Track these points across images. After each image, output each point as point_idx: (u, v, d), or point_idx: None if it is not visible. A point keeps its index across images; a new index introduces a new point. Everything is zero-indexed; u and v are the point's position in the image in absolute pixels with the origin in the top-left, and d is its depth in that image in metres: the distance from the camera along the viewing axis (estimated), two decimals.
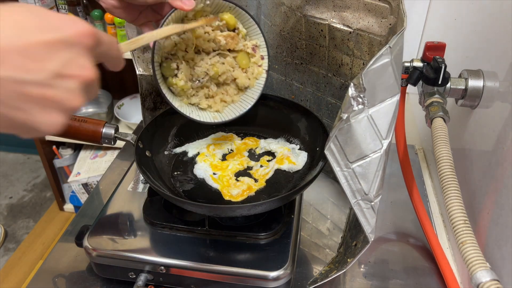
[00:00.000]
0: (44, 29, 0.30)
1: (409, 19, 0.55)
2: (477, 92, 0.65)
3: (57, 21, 0.31)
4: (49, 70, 0.30)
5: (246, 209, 0.60)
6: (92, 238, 0.63)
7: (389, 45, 0.48)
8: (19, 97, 0.29)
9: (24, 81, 0.29)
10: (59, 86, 0.31)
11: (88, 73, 0.32)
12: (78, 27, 0.32)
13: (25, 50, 0.29)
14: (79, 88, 0.32)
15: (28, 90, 0.29)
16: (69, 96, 0.31)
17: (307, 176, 0.69)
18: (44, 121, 0.31)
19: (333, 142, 0.51)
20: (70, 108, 0.32)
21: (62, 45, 0.31)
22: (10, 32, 0.28)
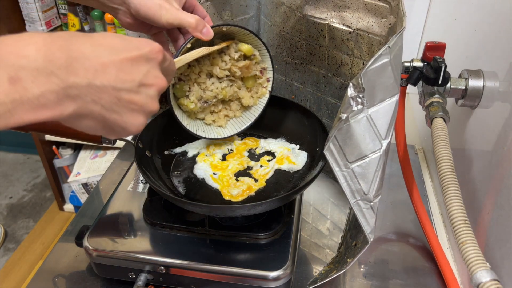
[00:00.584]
0: (129, 49, 0.38)
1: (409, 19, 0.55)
2: (477, 92, 0.65)
3: (137, 43, 0.39)
4: (136, 80, 0.38)
5: (246, 209, 0.60)
6: (92, 238, 0.63)
7: (388, 45, 0.48)
8: (115, 101, 0.37)
9: (120, 89, 0.37)
10: (142, 92, 0.39)
11: (162, 82, 0.41)
12: (152, 45, 0.40)
13: (119, 64, 0.37)
14: (156, 94, 0.40)
15: (122, 95, 0.37)
16: (149, 100, 0.40)
17: (307, 176, 0.69)
18: (132, 121, 0.39)
19: (332, 142, 0.51)
20: (150, 111, 0.40)
21: (143, 60, 0.39)
22: (107, 52, 0.36)
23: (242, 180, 0.70)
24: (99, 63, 0.35)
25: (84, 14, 1.71)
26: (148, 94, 0.39)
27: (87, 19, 1.73)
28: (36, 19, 1.69)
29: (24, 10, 1.68)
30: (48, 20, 1.73)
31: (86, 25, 1.73)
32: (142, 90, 0.38)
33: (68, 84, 0.33)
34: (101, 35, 0.38)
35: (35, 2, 1.65)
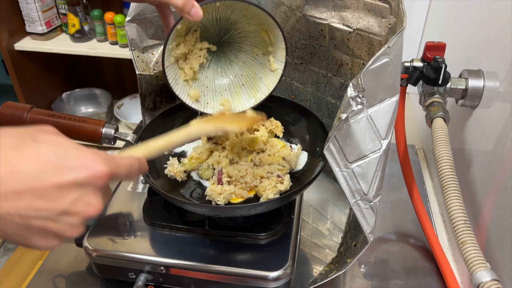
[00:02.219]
0: (62, 171, 0.33)
1: (409, 19, 0.55)
2: (477, 92, 0.65)
3: (77, 163, 0.34)
4: (56, 209, 0.33)
5: (246, 209, 0.60)
6: (92, 238, 0.63)
7: (388, 45, 0.48)
8: (23, 228, 0.32)
9: (30, 217, 0.32)
10: (62, 221, 0.34)
11: (91, 210, 0.35)
12: (94, 169, 0.34)
13: (38, 192, 0.32)
14: (80, 222, 0.35)
15: (33, 223, 0.32)
16: (69, 228, 0.34)
17: (307, 176, 0.69)
18: (42, 244, 0.34)
19: (332, 142, 0.51)
20: (68, 237, 0.35)
21: (74, 186, 0.33)
22: (29, 177, 0.31)
23: None
24: (11, 190, 0.31)
25: (84, 14, 1.71)
26: (69, 222, 0.34)
27: (87, 19, 1.73)
28: (36, 19, 1.69)
29: (24, 10, 1.68)
30: (48, 20, 1.73)
31: (86, 25, 1.73)
32: (62, 219, 0.33)
33: None
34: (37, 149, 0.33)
35: (35, 2, 1.65)
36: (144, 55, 0.76)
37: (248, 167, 0.67)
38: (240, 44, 0.70)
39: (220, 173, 0.66)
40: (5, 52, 1.69)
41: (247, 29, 0.67)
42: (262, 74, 0.71)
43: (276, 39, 0.66)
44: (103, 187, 0.36)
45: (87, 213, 0.35)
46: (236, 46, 0.71)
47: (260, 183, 0.65)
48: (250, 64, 0.71)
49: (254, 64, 0.71)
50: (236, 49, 0.71)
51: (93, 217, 0.36)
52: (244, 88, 0.72)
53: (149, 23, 0.73)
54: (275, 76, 0.69)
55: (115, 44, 1.74)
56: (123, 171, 0.38)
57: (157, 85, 0.79)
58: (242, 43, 0.70)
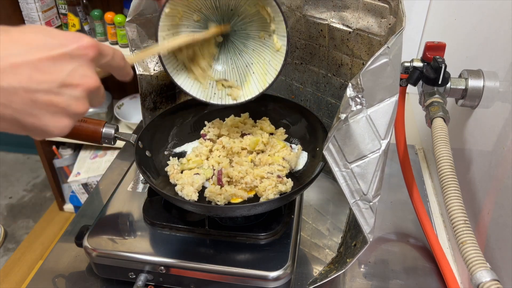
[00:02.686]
0: (51, 46, 0.34)
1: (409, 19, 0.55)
2: (477, 92, 0.65)
3: (63, 38, 0.36)
4: (56, 80, 0.34)
5: (246, 209, 0.60)
6: (92, 238, 0.63)
7: (387, 45, 0.48)
8: (30, 104, 0.34)
9: (34, 90, 0.33)
10: (65, 93, 0.35)
11: (90, 81, 0.36)
12: (80, 41, 0.36)
13: (34, 64, 0.33)
14: (82, 95, 0.36)
15: (38, 97, 0.34)
16: (74, 102, 0.36)
17: (307, 176, 0.69)
18: (53, 124, 0.35)
19: (331, 143, 0.51)
20: (75, 112, 0.36)
21: (66, 58, 0.35)
22: (22, 50, 0.33)
23: None
24: (8, 64, 0.32)
25: (84, 14, 1.71)
26: (72, 95, 0.35)
27: (87, 19, 1.73)
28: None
29: (24, 10, 1.68)
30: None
31: (86, 25, 1.73)
32: (64, 91, 0.35)
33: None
34: (21, 30, 0.35)
35: (35, 2, 1.65)
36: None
37: (248, 167, 0.67)
38: (246, 30, 0.69)
39: (220, 173, 0.66)
40: None
41: (249, 12, 0.66)
42: (270, 57, 0.69)
43: (274, 13, 0.64)
44: (94, 59, 0.37)
45: (86, 84, 0.36)
46: (243, 34, 0.69)
47: (260, 183, 0.65)
48: (260, 50, 0.69)
49: (263, 49, 0.69)
50: (244, 37, 0.70)
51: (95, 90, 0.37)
52: (255, 75, 0.70)
53: (149, 23, 0.73)
54: (280, 55, 0.67)
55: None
56: (108, 50, 0.40)
57: (158, 85, 0.79)
58: (247, 29, 0.68)
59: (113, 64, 0.41)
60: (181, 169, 0.70)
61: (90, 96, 0.37)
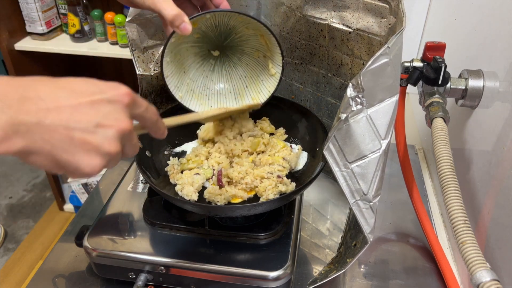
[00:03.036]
0: (92, 92, 0.38)
1: (409, 19, 0.55)
2: (477, 92, 0.65)
3: (103, 86, 0.39)
4: (92, 121, 0.37)
5: (246, 209, 0.60)
6: (92, 238, 0.63)
7: (387, 45, 0.48)
8: (67, 140, 0.36)
9: (72, 128, 0.36)
10: (98, 133, 0.38)
11: (122, 124, 0.39)
12: (118, 89, 0.40)
13: (75, 106, 0.37)
14: (115, 136, 0.39)
15: (75, 135, 0.36)
16: (106, 141, 0.38)
17: (307, 176, 0.69)
18: (86, 162, 0.38)
19: (331, 142, 0.51)
20: (107, 151, 0.38)
21: (104, 103, 0.38)
22: (67, 95, 0.37)
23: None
24: (53, 104, 0.36)
25: (84, 14, 1.71)
26: (105, 134, 0.38)
27: (87, 19, 1.73)
28: (36, 19, 1.68)
29: (24, 10, 1.68)
30: (48, 20, 1.73)
31: (86, 25, 1.73)
32: (99, 131, 0.38)
33: (17, 121, 0.34)
34: (67, 80, 0.38)
35: (35, 2, 1.65)
36: (145, 56, 0.76)
37: (248, 167, 0.67)
38: (242, 47, 0.72)
39: (220, 173, 0.66)
40: (5, 52, 1.69)
41: (246, 33, 0.68)
42: (263, 76, 0.72)
43: (272, 44, 0.67)
44: (129, 105, 0.40)
45: (119, 126, 0.39)
46: (239, 49, 0.72)
47: (260, 184, 0.65)
48: (253, 66, 0.73)
49: (256, 66, 0.72)
50: (239, 52, 0.73)
51: (127, 133, 0.40)
52: (248, 90, 0.73)
53: (149, 23, 0.73)
54: (275, 79, 0.71)
55: (115, 44, 1.74)
56: (142, 102, 0.43)
57: (158, 85, 0.79)
58: (243, 46, 0.71)
59: (146, 116, 0.44)
60: (181, 169, 0.70)
61: (123, 140, 0.40)
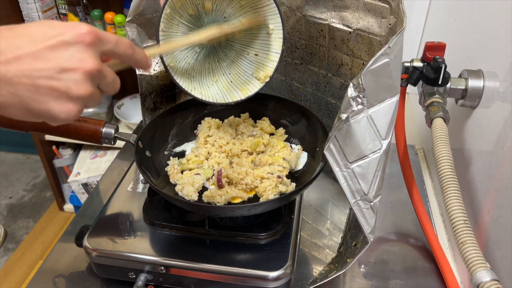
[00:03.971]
0: (49, 36, 0.37)
1: (409, 19, 0.55)
2: (477, 92, 0.65)
3: (61, 28, 0.38)
4: (55, 67, 0.37)
5: (246, 209, 0.60)
6: (92, 238, 0.63)
7: (388, 45, 0.48)
8: (34, 90, 0.36)
9: (35, 77, 0.36)
10: (64, 78, 0.37)
11: (88, 65, 0.38)
12: (77, 29, 0.38)
13: (35, 54, 0.36)
14: (81, 78, 0.38)
15: (40, 84, 0.36)
16: (74, 85, 0.38)
17: (307, 176, 0.69)
18: (58, 108, 0.37)
19: (332, 142, 0.51)
20: (77, 95, 0.38)
21: (63, 46, 0.37)
22: (24, 43, 0.37)
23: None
24: (12, 55, 0.36)
25: (84, 14, 1.71)
26: (71, 78, 0.37)
27: (87, 19, 1.73)
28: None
29: (24, 10, 1.68)
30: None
31: None
32: (63, 76, 0.37)
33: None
34: (24, 26, 0.38)
35: (35, 2, 1.65)
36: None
37: (248, 167, 0.67)
38: (232, 42, 0.70)
39: (220, 173, 0.66)
40: None
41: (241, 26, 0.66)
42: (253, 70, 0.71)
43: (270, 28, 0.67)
44: (93, 44, 0.39)
45: (84, 67, 0.38)
46: (227, 44, 0.71)
47: (261, 184, 0.65)
48: (239, 63, 0.71)
49: (244, 63, 0.71)
50: (227, 48, 0.71)
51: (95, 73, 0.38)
52: (233, 84, 0.72)
53: (149, 23, 0.73)
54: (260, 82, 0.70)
55: None
56: (110, 37, 0.41)
57: (158, 86, 0.79)
58: (233, 42, 0.70)
59: (119, 52, 0.42)
60: (181, 169, 0.70)
61: (93, 80, 0.39)
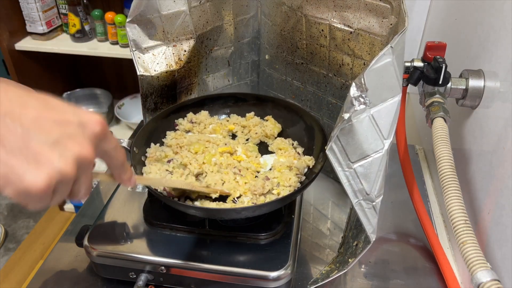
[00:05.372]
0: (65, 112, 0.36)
1: (410, 19, 0.55)
2: (478, 92, 0.65)
3: (80, 111, 0.37)
4: (52, 136, 0.34)
5: (251, 210, 0.60)
6: (92, 238, 0.63)
7: (390, 45, 0.48)
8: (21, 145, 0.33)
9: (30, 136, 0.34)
10: (57, 149, 0.34)
11: (84, 151, 0.36)
12: (94, 116, 0.38)
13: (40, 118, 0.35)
14: (73, 157, 0.35)
15: (31, 142, 0.33)
16: (62, 159, 0.35)
17: (307, 176, 0.69)
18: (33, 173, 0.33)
19: (334, 142, 0.51)
20: (59, 169, 0.34)
21: (73, 125, 0.36)
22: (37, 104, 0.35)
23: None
24: (19, 109, 0.34)
25: (85, 14, 1.71)
26: (62, 153, 0.34)
27: (88, 19, 1.73)
28: (36, 19, 1.69)
29: (25, 10, 1.68)
30: (49, 20, 1.73)
31: (87, 25, 1.73)
32: (57, 147, 0.34)
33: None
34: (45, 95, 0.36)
35: (36, 2, 1.65)
36: (145, 56, 0.76)
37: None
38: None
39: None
40: (5, 52, 1.69)
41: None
42: None
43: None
44: (98, 136, 0.38)
45: (80, 151, 0.36)
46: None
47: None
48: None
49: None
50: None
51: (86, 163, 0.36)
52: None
53: (150, 23, 0.73)
54: None
55: (115, 44, 1.74)
56: (113, 139, 0.41)
57: (158, 86, 0.79)
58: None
59: (113, 155, 0.42)
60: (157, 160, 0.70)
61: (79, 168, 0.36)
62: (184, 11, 0.75)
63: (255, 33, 0.88)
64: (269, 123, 0.78)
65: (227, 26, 0.84)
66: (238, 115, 0.81)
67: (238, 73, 0.92)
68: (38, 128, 0.34)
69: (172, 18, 0.75)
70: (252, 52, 0.91)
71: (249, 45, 0.89)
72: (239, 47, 0.88)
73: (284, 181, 0.65)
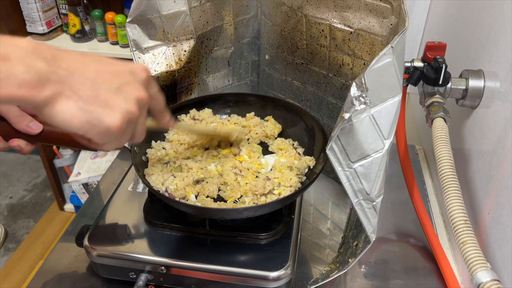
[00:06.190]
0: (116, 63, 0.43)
1: (410, 19, 0.55)
2: (478, 92, 0.65)
3: (125, 62, 0.44)
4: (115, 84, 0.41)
5: (253, 210, 0.60)
6: (93, 238, 0.63)
7: (391, 45, 0.48)
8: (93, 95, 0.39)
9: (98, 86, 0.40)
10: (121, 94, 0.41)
11: (141, 93, 0.44)
12: (139, 64, 0.46)
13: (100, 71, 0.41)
14: (134, 99, 0.42)
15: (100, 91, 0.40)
16: (128, 101, 0.42)
17: (307, 176, 0.69)
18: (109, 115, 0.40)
19: (335, 142, 0.51)
20: (127, 110, 0.41)
21: (125, 73, 0.43)
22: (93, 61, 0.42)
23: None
24: (82, 65, 0.40)
25: (85, 14, 1.71)
26: (126, 97, 0.41)
27: (88, 19, 1.73)
28: (36, 19, 1.68)
29: (25, 10, 1.68)
30: (49, 20, 1.73)
31: (87, 25, 1.73)
32: (121, 93, 0.41)
33: (50, 69, 0.37)
34: (92, 53, 0.43)
35: (36, 2, 1.65)
36: (145, 56, 0.76)
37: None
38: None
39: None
40: None
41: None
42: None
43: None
44: (146, 81, 0.45)
45: (138, 94, 0.43)
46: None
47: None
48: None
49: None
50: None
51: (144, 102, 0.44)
52: None
53: (150, 23, 0.73)
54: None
55: (115, 44, 1.74)
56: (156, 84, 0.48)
57: (159, 86, 0.79)
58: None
59: (157, 98, 0.49)
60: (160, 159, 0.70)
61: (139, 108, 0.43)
62: (184, 11, 0.75)
63: (255, 33, 0.88)
64: (270, 123, 0.78)
65: (227, 26, 0.84)
66: (238, 115, 0.81)
67: (238, 73, 0.92)
68: (101, 79, 0.40)
69: (172, 18, 0.75)
70: (252, 52, 0.91)
71: (249, 45, 0.89)
72: (239, 47, 0.88)
73: (285, 182, 0.65)
